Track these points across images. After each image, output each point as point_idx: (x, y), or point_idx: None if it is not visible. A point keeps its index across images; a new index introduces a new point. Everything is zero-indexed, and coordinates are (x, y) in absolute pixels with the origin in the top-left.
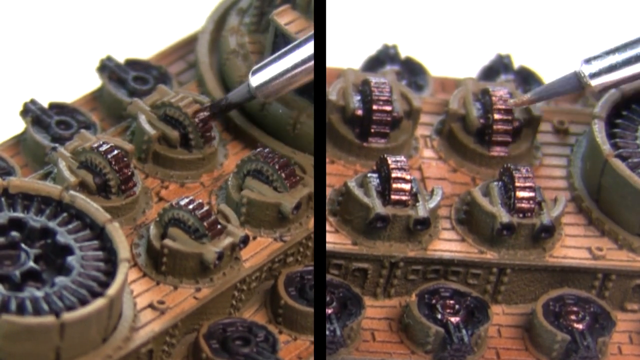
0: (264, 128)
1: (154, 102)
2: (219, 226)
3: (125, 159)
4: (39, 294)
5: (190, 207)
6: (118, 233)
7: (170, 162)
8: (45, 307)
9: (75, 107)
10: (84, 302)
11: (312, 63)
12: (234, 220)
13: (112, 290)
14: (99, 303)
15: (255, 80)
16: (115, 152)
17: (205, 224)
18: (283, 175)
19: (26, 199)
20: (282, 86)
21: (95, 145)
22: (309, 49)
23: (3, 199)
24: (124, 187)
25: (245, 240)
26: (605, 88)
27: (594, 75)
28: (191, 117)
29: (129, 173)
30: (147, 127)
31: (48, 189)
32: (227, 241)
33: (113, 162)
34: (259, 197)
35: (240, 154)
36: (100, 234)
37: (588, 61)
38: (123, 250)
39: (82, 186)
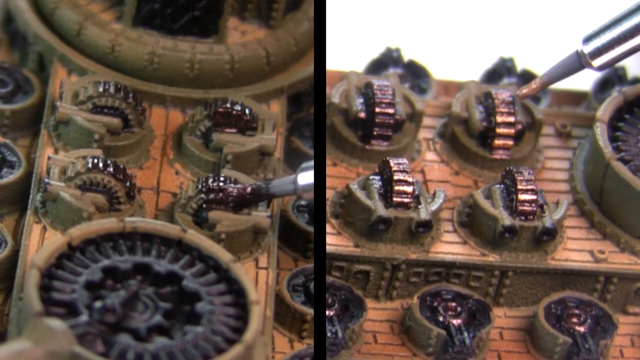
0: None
1: (74, 98)
2: (249, 190)
3: (120, 166)
4: (173, 344)
5: (221, 185)
6: (244, 273)
7: (122, 150)
8: (182, 358)
9: None
10: (219, 350)
11: None
12: (246, 178)
13: (248, 336)
14: (236, 350)
15: (303, 179)
16: (110, 162)
17: (243, 193)
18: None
19: (145, 240)
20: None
21: (89, 164)
22: None
23: (122, 241)
24: (132, 193)
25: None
26: (608, 64)
27: (594, 55)
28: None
29: (131, 177)
30: (92, 126)
31: (167, 230)
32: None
33: (117, 174)
34: (242, 148)
35: (157, 115)
36: (224, 275)
37: (587, 40)
38: (252, 292)
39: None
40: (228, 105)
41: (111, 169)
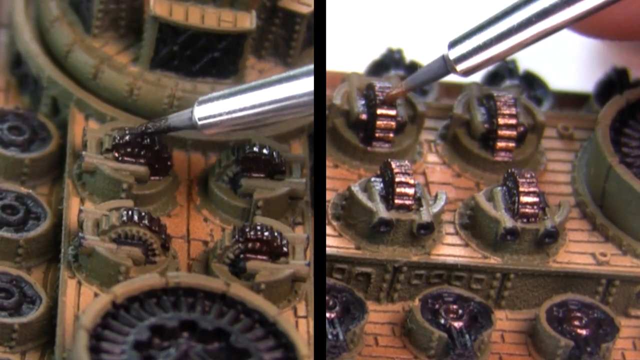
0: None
1: (98, 147)
2: (284, 240)
3: (155, 217)
4: None
5: (257, 234)
6: (291, 327)
7: (148, 198)
8: None
9: None
10: None
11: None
12: (280, 226)
13: None
14: None
15: (200, 111)
16: (145, 214)
17: (277, 244)
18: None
19: (189, 295)
20: (229, 124)
21: (124, 217)
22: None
23: (165, 297)
24: (167, 245)
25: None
26: (474, 69)
27: (458, 60)
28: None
29: (165, 228)
30: (120, 175)
31: (211, 284)
32: (300, 248)
33: (153, 226)
34: (272, 193)
35: (178, 159)
36: (272, 329)
37: (453, 45)
38: (302, 346)
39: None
40: (256, 149)
41: (146, 222)
